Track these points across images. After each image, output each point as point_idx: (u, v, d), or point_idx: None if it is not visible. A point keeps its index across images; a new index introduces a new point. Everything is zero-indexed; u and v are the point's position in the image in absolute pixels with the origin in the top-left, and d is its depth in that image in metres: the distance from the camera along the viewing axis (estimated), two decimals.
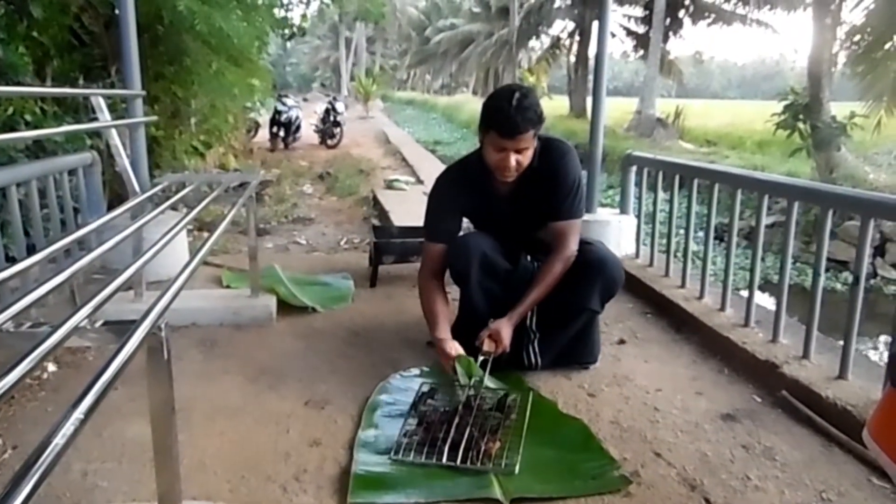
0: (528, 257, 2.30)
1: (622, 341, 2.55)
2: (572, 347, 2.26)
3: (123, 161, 2.72)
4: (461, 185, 2.24)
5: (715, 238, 2.93)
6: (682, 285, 2.95)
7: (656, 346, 2.52)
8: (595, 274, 2.15)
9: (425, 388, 2.02)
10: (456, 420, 1.78)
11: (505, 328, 2.07)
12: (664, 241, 3.19)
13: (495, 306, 2.19)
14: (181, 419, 1.80)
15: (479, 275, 2.18)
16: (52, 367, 2.21)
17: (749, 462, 1.72)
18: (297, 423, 1.89)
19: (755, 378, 2.19)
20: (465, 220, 2.34)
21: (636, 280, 3.06)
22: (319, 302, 2.91)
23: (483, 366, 1.99)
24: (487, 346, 2.05)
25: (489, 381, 2.04)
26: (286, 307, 2.82)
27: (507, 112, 1.99)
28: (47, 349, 0.94)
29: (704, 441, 1.82)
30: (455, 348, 2.07)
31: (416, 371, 2.24)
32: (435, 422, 1.79)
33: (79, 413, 0.80)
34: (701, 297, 2.78)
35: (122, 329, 1.08)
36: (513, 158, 2.05)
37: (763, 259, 3.59)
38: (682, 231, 3.05)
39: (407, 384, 2.13)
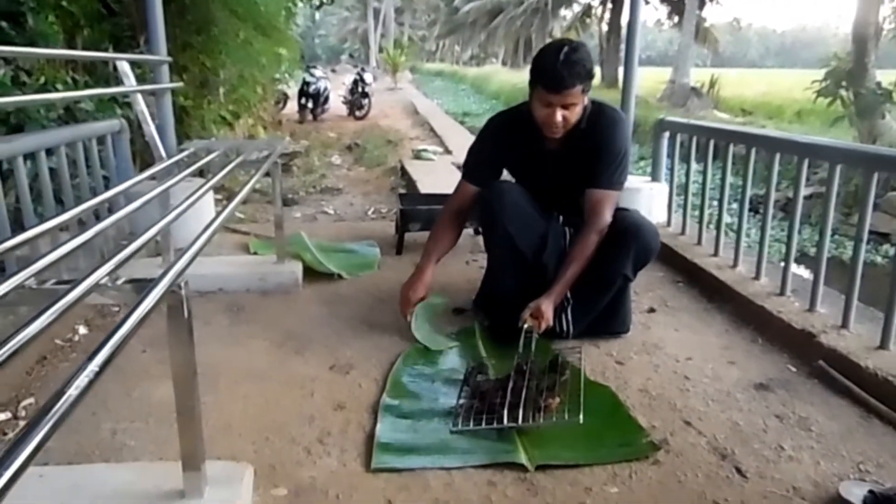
0: (561, 219, 2.25)
1: (652, 310, 2.50)
2: (605, 316, 2.21)
3: (150, 127, 2.73)
4: (510, 132, 2.21)
5: (749, 210, 2.84)
6: (715, 254, 2.87)
7: (687, 315, 2.46)
8: (630, 240, 2.09)
9: (473, 363, 1.98)
10: (510, 385, 1.74)
11: (546, 305, 2.02)
12: (696, 211, 3.11)
13: (522, 265, 2.14)
14: (208, 382, 1.83)
15: (510, 223, 2.12)
16: (83, 330, 2.24)
17: (783, 432, 1.67)
18: (322, 388, 1.89)
19: (790, 348, 2.13)
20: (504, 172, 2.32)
21: (667, 248, 2.98)
22: (345, 269, 2.91)
23: (528, 343, 1.96)
24: (530, 322, 2.00)
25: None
26: (312, 274, 2.82)
27: (553, 66, 1.95)
28: (66, 304, 0.93)
29: (736, 410, 1.78)
30: (420, 291, 2.18)
31: (441, 336, 2.21)
32: (489, 390, 1.76)
33: (94, 366, 0.79)
34: (734, 265, 2.71)
35: (142, 287, 1.07)
36: (559, 114, 2.00)
37: (800, 232, 3.47)
38: (715, 203, 2.97)
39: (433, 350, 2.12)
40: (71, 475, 1.38)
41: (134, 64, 3.15)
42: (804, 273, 3.47)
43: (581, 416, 1.62)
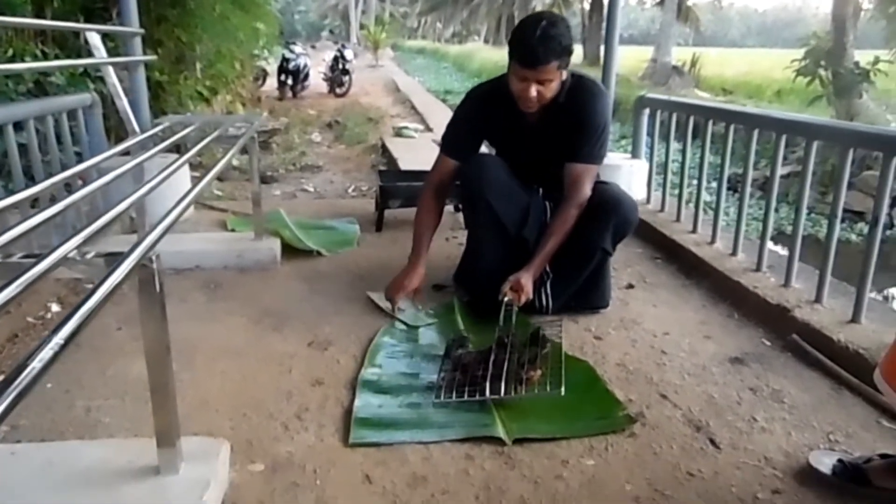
0: (541, 192, 2.25)
1: (631, 286, 2.51)
2: (584, 291, 2.22)
3: (123, 101, 2.67)
4: (489, 104, 2.18)
5: (728, 189, 2.86)
6: (694, 230, 2.89)
7: (665, 291, 2.48)
8: (609, 214, 2.10)
9: (454, 336, 1.97)
10: (492, 357, 1.75)
11: (526, 278, 2.02)
12: (676, 189, 3.12)
13: (505, 240, 2.14)
14: (184, 359, 1.82)
15: (492, 197, 2.11)
16: (55, 307, 2.20)
17: (756, 404, 1.69)
18: (300, 364, 1.88)
19: (765, 322, 2.15)
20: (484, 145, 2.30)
21: (646, 225, 3.00)
22: (324, 245, 2.89)
23: (508, 316, 1.96)
24: (510, 296, 2.00)
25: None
26: (291, 251, 2.80)
27: (529, 41, 1.93)
28: (33, 277, 0.90)
29: (711, 384, 1.80)
30: (415, 281, 2.13)
31: (420, 314, 2.21)
32: (471, 363, 1.77)
33: (59, 339, 0.77)
34: (712, 242, 2.73)
35: (113, 260, 1.05)
36: (533, 89, 1.98)
37: (777, 210, 3.51)
38: (694, 181, 2.98)
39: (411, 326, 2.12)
40: (44, 452, 1.36)
41: (106, 37, 3.07)
42: (781, 251, 3.51)
43: (563, 389, 1.63)
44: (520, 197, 2.19)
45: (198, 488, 1.22)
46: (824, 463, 1.40)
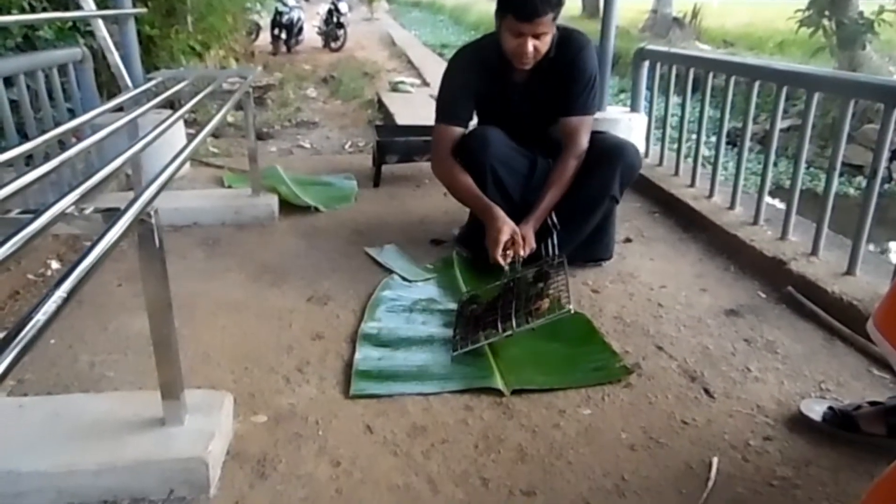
0: (539, 156, 2.22)
1: (628, 240, 2.52)
2: (588, 243, 2.21)
3: (114, 55, 2.63)
4: (476, 68, 2.15)
5: (727, 143, 2.84)
6: (692, 185, 2.88)
7: (662, 245, 2.49)
8: (615, 160, 2.09)
9: (465, 297, 1.99)
10: (500, 303, 1.81)
11: (526, 229, 2.02)
12: (675, 144, 3.10)
13: (511, 208, 2.12)
14: (185, 315, 1.84)
15: (497, 169, 2.10)
16: (55, 265, 2.21)
17: (750, 355, 1.72)
18: (300, 319, 1.90)
19: (761, 275, 2.17)
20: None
21: (645, 179, 2.99)
22: (322, 202, 2.89)
23: (513, 267, 1.97)
24: (517, 250, 2.00)
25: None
26: (288, 207, 2.80)
27: None
28: (32, 233, 0.90)
29: (706, 335, 1.82)
30: (507, 231, 1.96)
31: (418, 268, 2.23)
32: (482, 314, 1.81)
33: (61, 292, 0.78)
34: (710, 196, 2.72)
35: (111, 216, 1.05)
36: (530, 44, 1.96)
37: (775, 164, 3.49)
38: (693, 135, 2.96)
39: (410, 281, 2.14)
40: (50, 405, 1.38)
41: None
42: (778, 205, 3.51)
43: (571, 307, 1.68)
44: (521, 162, 2.18)
45: (203, 438, 1.25)
46: (815, 410, 1.43)
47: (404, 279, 2.14)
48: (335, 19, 12.54)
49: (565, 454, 1.35)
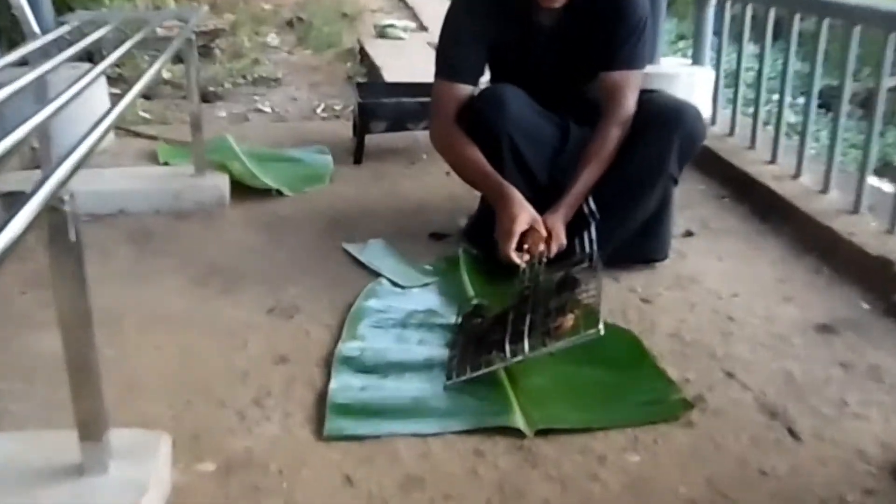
0: (571, 122, 2.24)
1: (689, 233, 2.53)
2: (639, 238, 2.22)
3: None
4: (489, 6, 2.16)
5: (819, 106, 2.84)
6: (772, 161, 2.89)
7: (734, 240, 2.50)
8: (671, 127, 2.09)
9: (467, 308, 1.98)
10: (510, 317, 1.77)
11: (554, 221, 2.02)
12: (751, 109, 3.11)
13: (535, 192, 2.13)
14: (110, 331, 1.84)
15: (517, 140, 2.10)
16: None
17: (848, 384, 1.73)
18: (258, 336, 1.91)
19: (863, 279, 2.17)
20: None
21: (711, 153, 3.00)
22: (287, 183, 2.90)
23: (532, 269, 1.97)
24: (536, 246, 2.01)
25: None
26: (243, 190, 2.82)
27: None
28: None
29: (791, 358, 1.83)
30: (524, 219, 1.98)
31: (413, 270, 2.25)
32: (486, 330, 1.81)
33: None
34: (796, 175, 2.73)
35: (12, 202, 1.05)
36: None
37: (882, 134, 3.47)
38: (774, 97, 2.96)
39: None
40: None
41: None
42: (886, 187, 3.50)
43: (601, 326, 1.65)
44: (549, 131, 2.19)
45: (132, 491, 1.26)
46: None
47: (395, 284, 2.15)
48: None
49: None
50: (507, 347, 1.67)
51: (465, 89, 2.17)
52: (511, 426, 1.56)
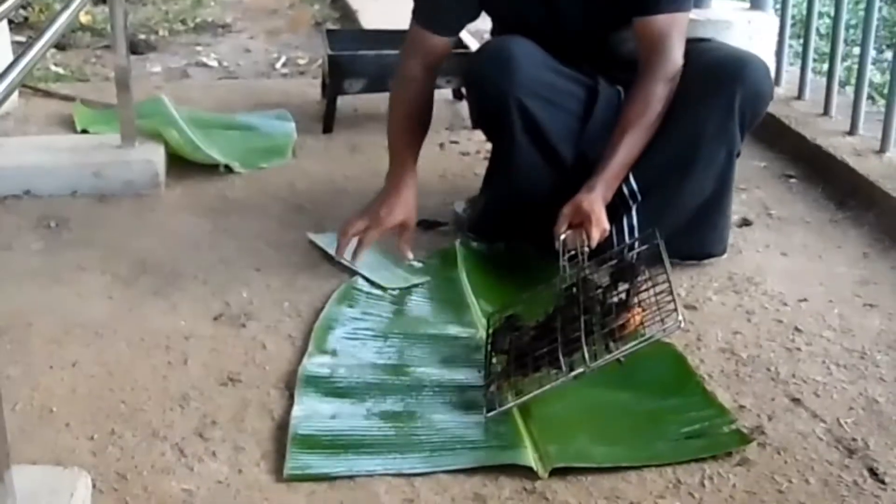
0: (601, 80, 2.24)
1: (746, 222, 2.54)
2: (688, 228, 2.22)
3: None
4: None
5: None
6: (852, 131, 2.89)
7: (802, 231, 2.51)
8: (733, 83, 2.08)
9: (497, 323, 1.95)
10: (558, 322, 1.77)
11: (591, 201, 2.00)
12: (825, 65, 3.11)
13: (559, 171, 2.15)
14: (13, 343, 1.86)
15: (530, 106, 2.10)
16: None
17: None
18: (201, 350, 1.91)
19: None
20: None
21: (774, 122, 3.00)
22: (238, 157, 2.91)
23: (573, 264, 1.97)
24: (572, 238, 2.00)
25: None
26: (182, 165, 2.83)
27: None
28: None
29: (874, 380, 1.83)
30: (399, 213, 2.15)
31: (398, 268, 2.26)
32: (528, 343, 1.79)
33: None
34: (882, 149, 2.74)
35: None
36: None
37: None
38: (855, 50, 2.96)
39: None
40: None
41: None
42: None
43: (681, 317, 1.64)
44: (571, 93, 2.19)
45: None
46: None
47: (375, 285, 2.15)
48: None
49: None
50: (563, 360, 1.66)
51: (439, 42, 2.20)
52: (520, 464, 1.56)
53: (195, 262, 2.29)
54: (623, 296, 1.84)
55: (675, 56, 2.09)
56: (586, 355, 1.64)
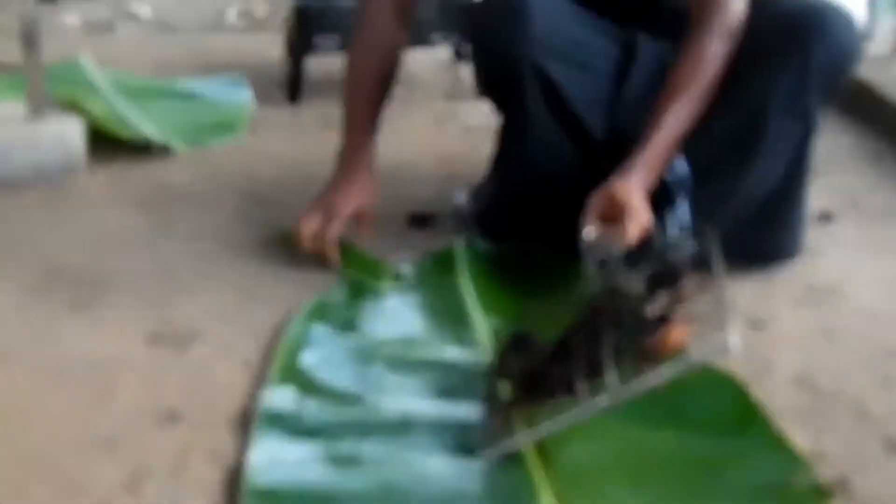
0: (639, 37, 2.26)
1: (826, 216, 2.55)
2: (755, 223, 2.23)
3: None
4: None
5: None
6: None
7: None
8: (809, 40, 2.07)
9: (503, 340, 1.92)
10: (581, 339, 1.73)
11: (629, 189, 2.00)
12: None
13: (587, 147, 2.16)
14: None
15: (550, 69, 2.11)
16: None
17: None
18: (133, 379, 1.91)
19: None
20: None
21: (863, 88, 3.01)
22: (179, 133, 2.94)
23: (604, 268, 1.97)
24: (602, 236, 2.00)
25: None
26: (108, 144, 2.85)
27: None
28: None
29: None
30: (353, 200, 2.20)
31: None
32: (541, 366, 1.75)
33: None
34: None
35: None
36: None
37: None
38: None
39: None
40: None
41: None
42: None
43: (733, 336, 1.60)
44: (603, 51, 2.22)
45: None
46: None
47: (358, 286, 2.17)
48: None
49: None
50: (582, 384, 1.65)
51: None
52: None
53: (124, 267, 2.29)
54: (663, 307, 1.82)
55: (736, 6, 2.09)
56: (613, 381, 1.62)
